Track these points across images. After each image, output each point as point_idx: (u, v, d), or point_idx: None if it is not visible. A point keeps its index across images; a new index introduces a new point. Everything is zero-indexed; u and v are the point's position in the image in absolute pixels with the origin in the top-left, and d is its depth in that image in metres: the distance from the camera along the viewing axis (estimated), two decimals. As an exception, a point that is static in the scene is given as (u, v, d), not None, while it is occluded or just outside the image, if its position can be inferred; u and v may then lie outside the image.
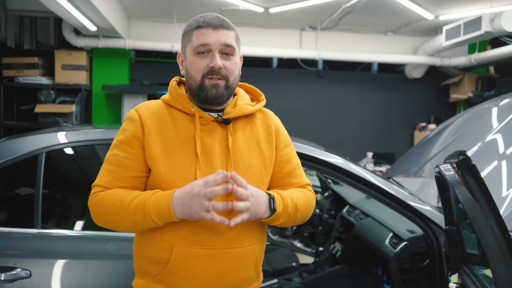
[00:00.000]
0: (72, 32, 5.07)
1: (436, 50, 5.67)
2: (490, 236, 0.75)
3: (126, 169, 1.20)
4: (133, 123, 1.23)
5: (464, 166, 0.75)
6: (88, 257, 1.66)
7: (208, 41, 1.19)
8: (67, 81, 5.09)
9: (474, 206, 0.74)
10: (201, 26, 1.20)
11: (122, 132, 1.24)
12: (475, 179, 0.73)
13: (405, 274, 2.01)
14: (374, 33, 6.02)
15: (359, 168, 1.95)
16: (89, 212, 2.13)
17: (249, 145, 1.26)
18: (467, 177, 0.74)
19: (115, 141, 1.24)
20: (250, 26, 5.69)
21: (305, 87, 6.15)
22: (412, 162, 3.46)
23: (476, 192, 0.72)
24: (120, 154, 1.21)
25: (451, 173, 0.81)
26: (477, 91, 5.92)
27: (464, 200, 0.76)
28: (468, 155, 0.75)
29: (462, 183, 0.75)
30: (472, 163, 0.73)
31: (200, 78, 1.20)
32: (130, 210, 1.14)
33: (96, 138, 1.96)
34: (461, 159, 0.75)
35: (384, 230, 2.23)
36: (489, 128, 2.73)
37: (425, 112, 6.44)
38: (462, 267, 1.60)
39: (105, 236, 1.71)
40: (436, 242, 1.87)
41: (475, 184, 0.72)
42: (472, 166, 0.74)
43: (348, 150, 6.11)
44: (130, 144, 1.21)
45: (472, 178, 0.73)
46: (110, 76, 5.53)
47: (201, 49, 1.19)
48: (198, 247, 1.17)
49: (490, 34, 4.45)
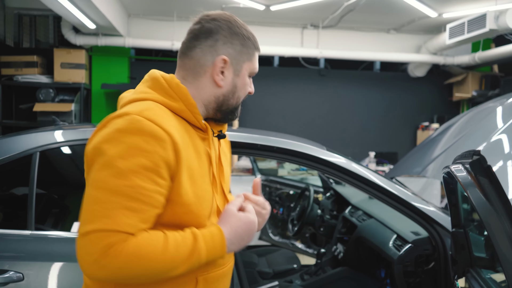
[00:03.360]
0: (71, 30, 5.03)
1: (439, 49, 5.61)
2: (504, 242, 0.70)
3: (155, 206, 0.93)
4: (161, 143, 0.93)
5: (479, 166, 0.70)
6: None
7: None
8: (66, 79, 5.04)
9: (488, 210, 0.69)
10: (258, 51, 1.17)
11: (143, 154, 0.91)
12: (490, 180, 0.68)
13: (410, 277, 1.95)
14: (377, 31, 5.96)
15: (361, 168, 1.90)
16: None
17: (226, 159, 1.22)
18: (482, 178, 0.69)
19: (131, 166, 0.90)
20: (251, 24, 5.63)
21: (307, 86, 6.10)
22: (415, 162, 3.41)
23: (490, 195, 0.67)
24: (146, 187, 0.90)
25: (463, 174, 0.76)
26: (480, 90, 5.86)
27: (477, 203, 0.71)
28: (483, 155, 0.69)
29: (476, 185, 0.70)
30: (488, 164, 0.68)
31: (240, 101, 1.14)
32: (182, 259, 0.93)
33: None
34: (475, 159, 0.70)
35: (388, 232, 2.18)
36: (494, 128, 2.68)
37: (428, 111, 6.38)
38: (469, 271, 1.54)
39: None
40: (442, 244, 1.81)
41: (490, 186, 0.67)
42: (488, 167, 0.68)
43: (350, 149, 6.06)
44: (159, 173, 0.92)
45: (487, 179, 0.68)
46: (109, 74, 5.49)
47: (253, 75, 1.16)
48: (217, 269, 1.08)
49: (495, 32, 4.39)
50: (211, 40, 1.07)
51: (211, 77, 1.08)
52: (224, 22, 1.08)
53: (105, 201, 0.88)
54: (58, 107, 4.95)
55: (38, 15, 5.33)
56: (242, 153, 1.92)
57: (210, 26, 1.08)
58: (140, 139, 0.92)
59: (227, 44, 1.07)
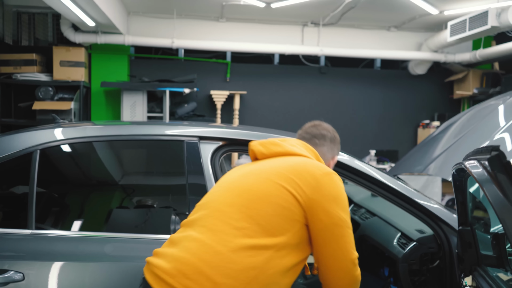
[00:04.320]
0: (71, 28, 4.99)
1: (440, 46, 5.58)
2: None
3: None
4: None
5: (497, 162, 0.68)
6: (85, 259, 1.58)
7: None
8: (66, 77, 5.01)
9: (506, 207, 0.67)
10: None
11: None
12: (510, 177, 0.66)
13: (414, 275, 1.93)
14: (377, 28, 5.93)
15: (364, 165, 1.88)
16: (86, 212, 2.08)
17: None
18: (500, 175, 0.66)
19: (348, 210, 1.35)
20: (251, 22, 5.60)
21: (307, 83, 6.07)
22: (417, 161, 3.39)
23: (509, 192, 0.65)
24: None
25: (478, 170, 0.74)
26: (482, 87, 5.84)
27: (494, 199, 0.69)
28: (502, 151, 0.67)
29: (493, 181, 0.67)
30: (507, 160, 0.66)
31: None
32: None
33: (94, 134, 1.89)
34: (493, 155, 0.68)
35: (392, 230, 2.15)
36: (496, 126, 2.66)
37: (428, 109, 6.36)
38: (476, 269, 1.52)
39: (103, 237, 1.64)
40: (447, 242, 1.79)
41: (508, 183, 0.65)
42: (507, 163, 0.66)
43: (350, 147, 6.03)
44: None
45: (505, 176, 0.66)
46: (109, 72, 5.45)
47: None
48: None
49: (497, 29, 4.36)
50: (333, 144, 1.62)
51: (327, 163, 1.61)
52: (335, 135, 1.61)
53: (349, 235, 1.31)
54: (57, 105, 4.92)
55: (37, 13, 5.29)
56: (240, 150, 1.90)
57: (333, 136, 1.62)
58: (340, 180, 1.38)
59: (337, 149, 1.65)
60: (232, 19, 5.54)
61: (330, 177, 1.32)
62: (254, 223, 1.21)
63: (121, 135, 1.90)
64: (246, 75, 5.79)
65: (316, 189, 1.27)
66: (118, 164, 2.32)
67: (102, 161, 2.30)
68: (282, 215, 1.23)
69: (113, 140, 1.94)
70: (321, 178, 1.30)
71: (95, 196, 2.27)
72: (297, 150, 1.42)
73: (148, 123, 2.27)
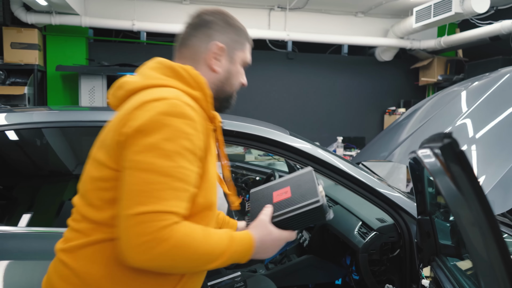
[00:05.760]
0: (22, 7, 4.68)
1: (406, 33, 5.59)
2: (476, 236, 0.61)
3: (195, 186, 0.98)
4: (198, 127, 0.98)
5: (450, 152, 0.60)
6: (36, 257, 1.45)
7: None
8: (18, 60, 4.71)
9: (459, 200, 0.60)
10: (251, 44, 1.24)
11: (186, 137, 0.93)
12: (463, 168, 0.58)
13: (375, 265, 1.89)
14: (345, 14, 5.87)
15: (326, 153, 1.81)
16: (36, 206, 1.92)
17: None
18: (453, 165, 0.59)
19: (177, 147, 0.91)
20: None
21: (274, 69, 5.97)
22: (382, 147, 3.37)
23: (462, 185, 0.58)
24: (189, 167, 0.93)
25: (431, 160, 0.66)
26: (446, 74, 5.91)
27: (446, 192, 0.62)
28: (455, 138, 0.59)
29: (446, 173, 0.60)
30: (460, 149, 0.58)
31: (235, 90, 1.21)
32: (218, 254, 0.96)
33: (41, 120, 1.74)
34: (446, 143, 0.60)
35: (353, 219, 2.11)
36: (459, 112, 2.66)
37: (395, 96, 6.40)
38: (435, 259, 1.49)
39: (55, 233, 1.50)
40: (407, 231, 1.75)
41: (462, 174, 0.58)
42: (460, 152, 0.59)
43: (318, 134, 6.01)
44: (197, 155, 0.97)
45: (459, 167, 0.58)
46: (66, 56, 5.17)
47: (245, 66, 1.24)
48: None
49: (460, 16, 4.38)
50: (207, 29, 1.14)
51: (207, 64, 1.13)
52: (220, 15, 1.17)
53: (153, 182, 0.88)
54: (9, 90, 4.64)
55: (-15, -9, 4.94)
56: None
57: (207, 18, 1.15)
58: (183, 122, 0.94)
59: (222, 33, 1.15)
60: (197, 1, 5.35)
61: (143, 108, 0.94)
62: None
63: (69, 121, 1.76)
64: (211, 60, 5.62)
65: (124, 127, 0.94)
66: (71, 153, 2.18)
67: (53, 149, 2.15)
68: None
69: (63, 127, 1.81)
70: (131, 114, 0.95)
71: (46, 188, 2.12)
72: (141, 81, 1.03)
73: (102, 108, 2.13)
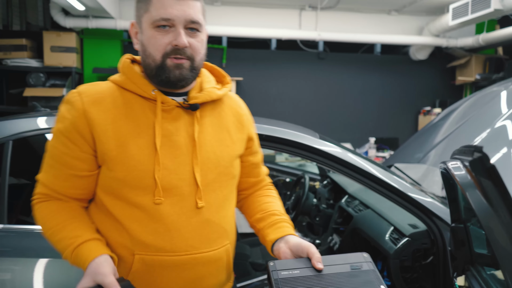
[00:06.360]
0: (61, 12, 4.86)
1: (442, 30, 5.42)
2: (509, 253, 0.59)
3: (66, 166, 1.04)
4: (73, 111, 1.02)
5: (480, 166, 0.58)
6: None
7: (171, 16, 0.98)
8: (57, 63, 4.89)
9: (490, 215, 0.58)
10: None
11: (61, 120, 1.04)
12: (494, 183, 0.56)
13: (407, 272, 1.85)
14: (377, 12, 5.76)
15: (355, 157, 1.78)
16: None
17: (219, 134, 1.10)
18: (484, 180, 0.57)
19: (54, 129, 1.05)
20: (247, 6, 5.45)
21: (305, 69, 5.93)
22: (417, 148, 3.30)
23: (494, 200, 0.55)
24: (58, 148, 1.04)
25: (461, 173, 0.64)
26: (484, 73, 5.69)
27: (477, 207, 0.60)
28: (485, 153, 0.57)
29: (477, 187, 0.58)
30: (491, 164, 0.56)
31: (161, 57, 1.01)
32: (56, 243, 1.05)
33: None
34: (476, 157, 0.58)
35: (384, 224, 2.06)
36: (498, 113, 2.56)
37: (430, 96, 6.22)
38: (470, 269, 1.44)
39: None
40: (441, 238, 1.70)
41: (494, 189, 0.55)
42: (491, 167, 0.57)
43: (350, 135, 5.92)
44: (69, 138, 1.02)
45: (490, 182, 0.56)
46: (102, 58, 5.33)
47: (162, 23, 0.99)
48: (160, 254, 1.02)
49: (500, 12, 4.20)
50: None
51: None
52: None
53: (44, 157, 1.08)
54: (49, 92, 4.82)
55: (27, -4, 5.16)
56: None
57: None
58: (63, 107, 1.05)
59: (135, 11, 1.07)
60: (228, 3, 5.39)
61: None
62: None
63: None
64: (242, 60, 5.64)
65: None
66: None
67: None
68: None
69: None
70: None
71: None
72: None
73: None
